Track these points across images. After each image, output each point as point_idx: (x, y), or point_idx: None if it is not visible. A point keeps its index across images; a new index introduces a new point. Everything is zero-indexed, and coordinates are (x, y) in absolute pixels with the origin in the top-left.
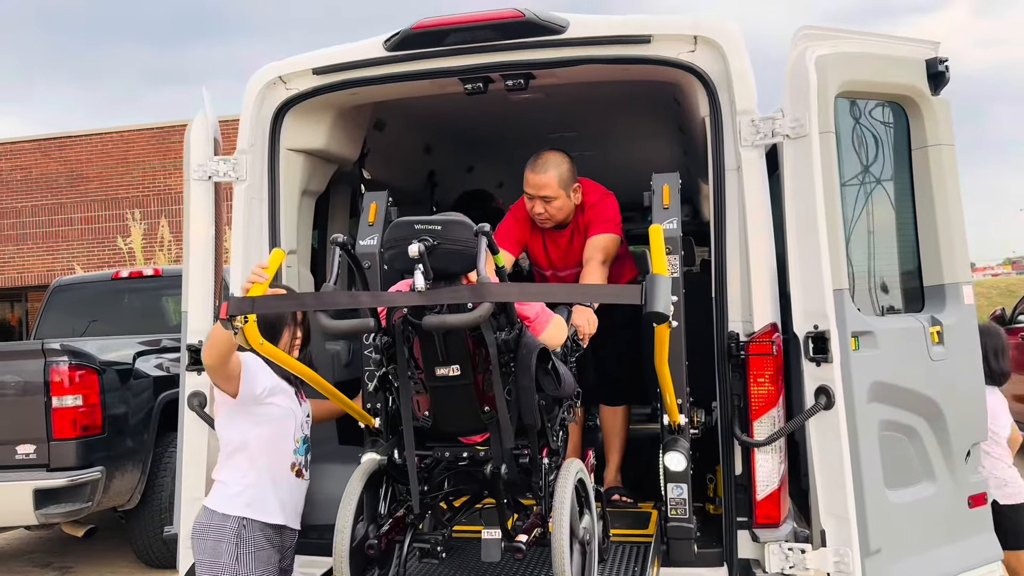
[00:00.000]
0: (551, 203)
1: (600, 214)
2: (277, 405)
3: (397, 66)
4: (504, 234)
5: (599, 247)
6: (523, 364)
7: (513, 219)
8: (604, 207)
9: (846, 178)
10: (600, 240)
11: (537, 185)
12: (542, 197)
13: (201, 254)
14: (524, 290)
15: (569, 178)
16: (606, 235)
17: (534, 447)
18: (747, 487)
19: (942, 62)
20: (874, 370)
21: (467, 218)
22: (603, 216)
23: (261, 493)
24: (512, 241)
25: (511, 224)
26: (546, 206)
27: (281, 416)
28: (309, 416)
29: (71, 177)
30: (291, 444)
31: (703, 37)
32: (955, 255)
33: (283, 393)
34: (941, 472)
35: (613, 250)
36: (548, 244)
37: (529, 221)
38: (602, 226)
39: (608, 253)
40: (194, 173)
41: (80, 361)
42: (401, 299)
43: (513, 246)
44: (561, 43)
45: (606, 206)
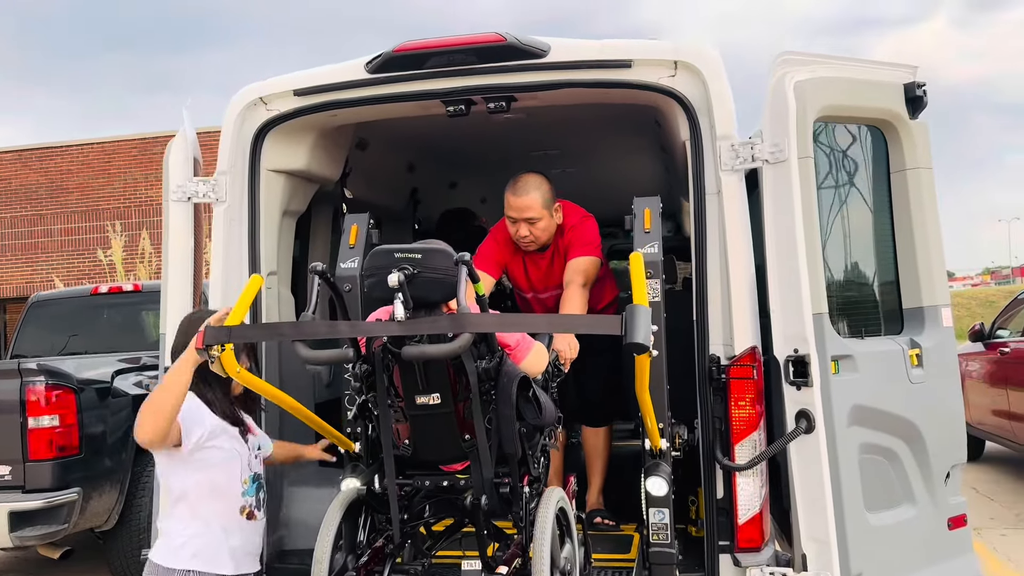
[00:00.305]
0: (535, 224)
1: (580, 236)
2: (218, 448)
3: (379, 88)
4: (485, 257)
5: (579, 270)
6: (504, 392)
7: (494, 241)
8: (584, 229)
9: (825, 202)
10: (580, 263)
11: (520, 208)
12: (526, 219)
13: (180, 276)
14: (504, 320)
15: (550, 198)
16: (586, 258)
17: (515, 476)
18: (729, 511)
19: (920, 86)
20: (854, 393)
21: (447, 246)
22: (583, 239)
23: (208, 543)
24: (493, 264)
25: (492, 247)
26: (531, 228)
27: (223, 459)
28: (260, 449)
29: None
30: (238, 487)
31: (683, 62)
32: (934, 277)
33: (224, 434)
34: (921, 495)
35: (593, 273)
36: (529, 266)
37: (510, 243)
38: (582, 249)
39: (588, 276)
40: (173, 194)
41: (57, 380)
42: (380, 329)
43: (494, 268)
44: (542, 67)
45: (586, 228)
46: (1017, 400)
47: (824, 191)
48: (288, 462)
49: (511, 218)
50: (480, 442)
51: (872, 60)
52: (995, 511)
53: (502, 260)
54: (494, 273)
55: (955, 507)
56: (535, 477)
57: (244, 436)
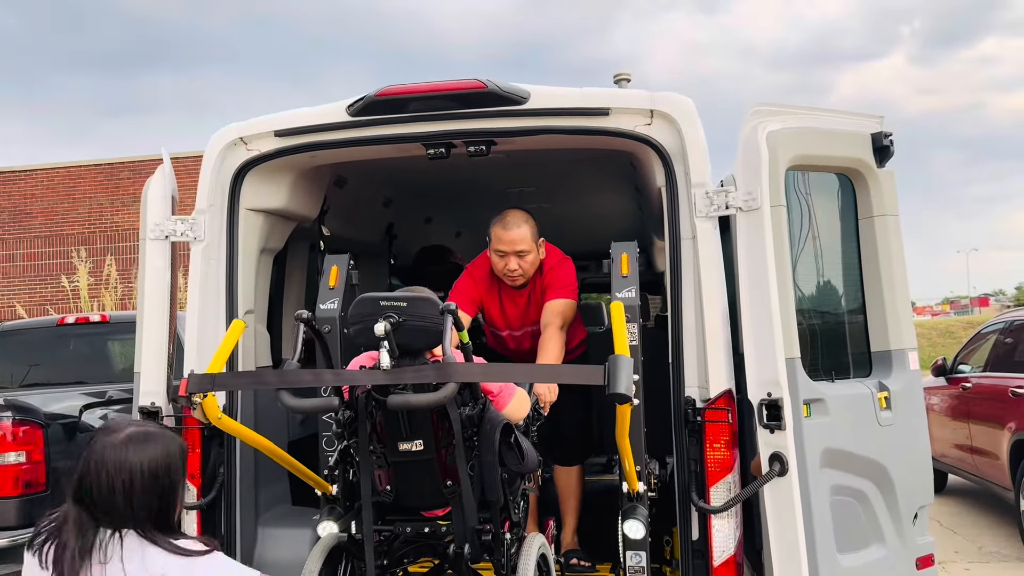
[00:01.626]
0: (524, 258)
1: (559, 278)
2: None
3: (359, 131)
4: (461, 294)
5: (557, 312)
6: (486, 439)
7: (470, 279)
8: (563, 271)
9: (796, 247)
10: (558, 305)
11: (512, 241)
12: (517, 252)
13: (156, 314)
14: (489, 370)
15: (536, 232)
16: (565, 300)
17: (496, 523)
18: (704, 553)
19: (887, 136)
20: (825, 436)
21: (432, 294)
22: (562, 281)
23: None
24: (469, 301)
25: (468, 284)
26: (520, 261)
27: None
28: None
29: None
30: None
31: (659, 111)
32: (901, 321)
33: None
34: (890, 535)
35: (570, 315)
36: (506, 303)
37: (486, 280)
38: (561, 291)
39: (566, 318)
40: (151, 232)
41: (24, 416)
42: (365, 377)
43: (470, 306)
44: (522, 113)
45: (565, 270)
46: (979, 434)
47: (796, 236)
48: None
49: (500, 252)
50: (464, 490)
51: (840, 110)
52: (959, 544)
53: (478, 297)
54: (470, 311)
55: (923, 547)
56: (515, 522)
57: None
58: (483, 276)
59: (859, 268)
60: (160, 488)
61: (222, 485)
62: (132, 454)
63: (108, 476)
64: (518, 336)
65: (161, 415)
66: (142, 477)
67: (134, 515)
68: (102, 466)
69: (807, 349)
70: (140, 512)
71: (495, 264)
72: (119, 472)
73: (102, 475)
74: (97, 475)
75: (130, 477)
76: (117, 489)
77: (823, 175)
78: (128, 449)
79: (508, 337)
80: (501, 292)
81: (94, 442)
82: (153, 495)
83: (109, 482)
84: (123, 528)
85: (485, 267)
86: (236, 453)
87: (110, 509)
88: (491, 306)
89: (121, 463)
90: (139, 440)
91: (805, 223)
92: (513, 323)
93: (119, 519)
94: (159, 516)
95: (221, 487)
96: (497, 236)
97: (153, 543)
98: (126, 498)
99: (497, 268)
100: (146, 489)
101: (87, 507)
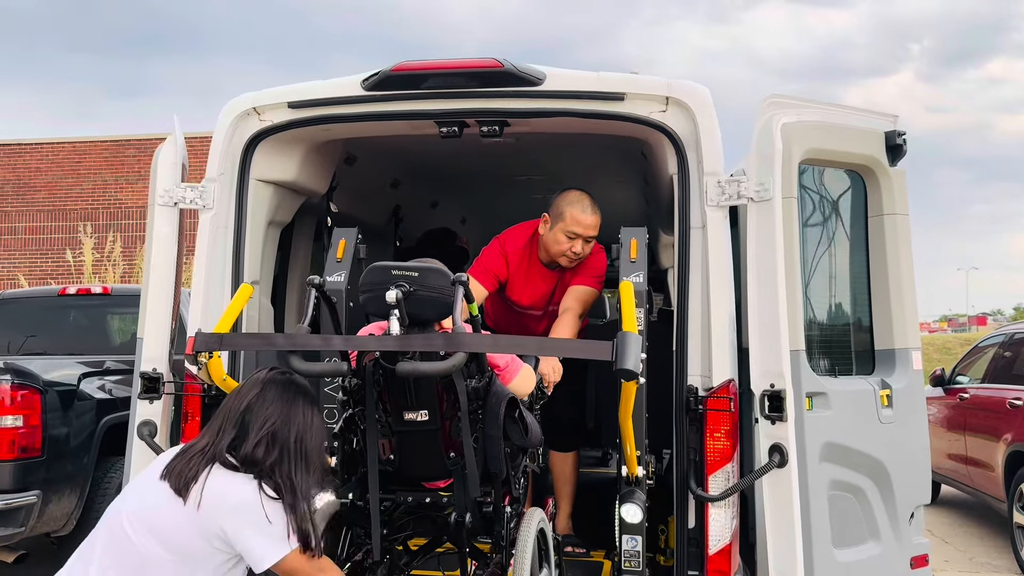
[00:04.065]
0: (590, 243)
1: (591, 266)
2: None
3: (373, 105)
4: (485, 267)
5: (579, 299)
6: (491, 412)
7: (501, 253)
8: (596, 261)
9: (806, 241)
10: (582, 292)
11: (590, 226)
12: (587, 238)
13: (162, 281)
14: (497, 342)
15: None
16: (589, 289)
17: (498, 496)
18: (699, 541)
19: (900, 135)
20: (826, 430)
21: (443, 266)
22: (594, 269)
23: None
24: (491, 276)
25: (496, 259)
26: (586, 246)
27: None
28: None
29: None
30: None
31: (674, 98)
32: (906, 321)
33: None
34: (886, 532)
35: (590, 304)
36: (535, 282)
37: (519, 255)
38: (589, 279)
39: (586, 306)
40: (160, 198)
41: (23, 380)
42: (375, 344)
43: (490, 280)
44: (537, 94)
45: (598, 261)
46: (974, 445)
47: (805, 231)
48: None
49: (572, 234)
50: (468, 461)
51: (855, 107)
52: (949, 554)
53: (503, 273)
54: (489, 285)
55: (918, 547)
56: (515, 498)
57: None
58: (517, 250)
59: (867, 266)
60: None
61: None
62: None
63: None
64: (536, 315)
65: (162, 381)
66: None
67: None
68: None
69: (811, 343)
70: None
71: (557, 243)
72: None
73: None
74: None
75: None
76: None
77: (834, 171)
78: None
79: (523, 314)
80: (531, 269)
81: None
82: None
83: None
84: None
85: (522, 241)
86: None
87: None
88: (517, 281)
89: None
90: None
91: (815, 218)
92: (537, 303)
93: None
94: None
95: None
96: (574, 218)
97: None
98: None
99: (557, 247)
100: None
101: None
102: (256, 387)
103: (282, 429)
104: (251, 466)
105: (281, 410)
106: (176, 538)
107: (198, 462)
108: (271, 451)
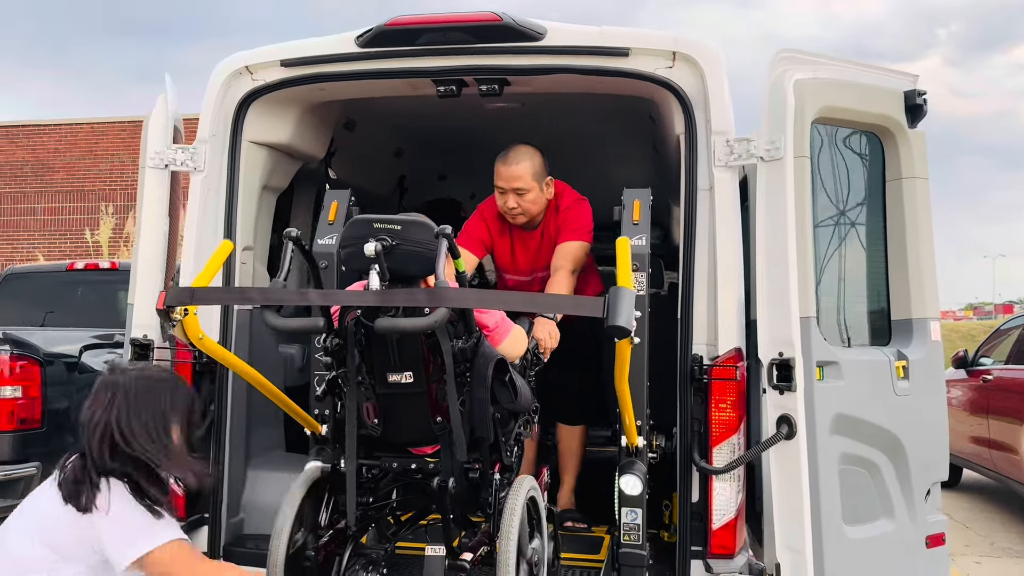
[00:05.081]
0: (524, 196)
1: (573, 219)
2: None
3: (368, 63)
4: (469, 234)
5: (569, 256)
6: (479, 374)
7: (480, 219)
8: (578, 212)
9: (818, 205)
10: (570, 248)
11: (509, 177)
12: (515, 190)
13: (152, 245)
14: (483, 297)
15: (542, 171)
16: (577, 243)
17: (486, 461)
18: (703, 515)
19: (920, 94)
20: (838, 401)
21: (428, 219)
22: (576, 223)
23: None
24: (477, 242)
25: (477, 224)
26: (519, 200)
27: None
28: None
29: (37, 166)
30: None
31: (682, 54)
32: (924, 290)
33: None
34: (900, 510)
35: (583, 259)
36: (517, 245)
37: (498, 221)
38: (573, 233)
39: (577, 262)
40: (150, 160)
41: (22, 351)
42: (352, 298)
43: (478, 247)
44: (538, 50)
45: (580, 212)
46: (997, 428)
47: (818, 194)
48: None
49: (500, 188)
50: (454, 425)
51: (873, 65)
52: (970, 538)
53: (487, 239)
54: (478, 252)
55: (934, 525)
56: (507, 466)
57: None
58: (493, 216)
59: (883, 232)
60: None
61: (212, 423)
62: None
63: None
64: (528, 281)
65: (153, 347)
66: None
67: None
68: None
69: (822, 311)
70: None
71: (497, 201)
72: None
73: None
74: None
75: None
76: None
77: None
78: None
79: (516, 284)
80: (512, 233)
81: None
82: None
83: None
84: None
85: (496, 206)
86: (228, 390)
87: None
88: (501, 248)
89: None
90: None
91: (828, 181)
92: (522, 267)
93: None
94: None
95: (211, 425)
96: (497, 171)
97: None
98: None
99: (498, 205)
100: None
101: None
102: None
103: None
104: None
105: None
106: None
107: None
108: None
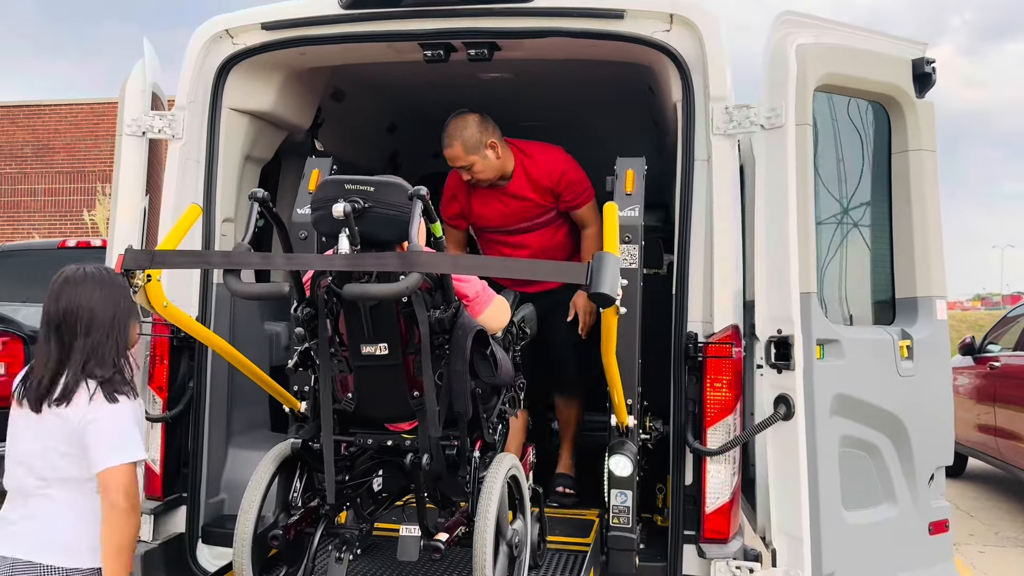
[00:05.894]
0: (471, 168)
1: (569, 188)
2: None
3: (352, 26)
4: (445, 209)
5: (588, 219)
6: (457, 346)
7: (450, 186)
8: (572, 179)
9: (820, 177)
10: (584, 214)
11: (450, 159)
12: (461, 167)
13: (129, 218)
14: (458, 262)
15: (476, 140)
16: (587, 207)
17: (464, 438)
18: (696, 498)
19: (929, 63)
20: (838, 381)
21: (403, 181)
22: (575, 189)
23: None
24: (453, 204)
25: (449, 190)
26: (469, 172)
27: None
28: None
29: (37, 147)
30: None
31: (680, 16)
32: (930, 267)
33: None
34: (903, 495)
35: (592, 207)
36: (488, 200)
37: (464, 184)
38: (578, 197)
39: (584, 218)
40: (127, 128)
41: (6, 328)
42: (319, 263)
43: (454, 209)
44: (528, 12)
45: (574, 178)
46: (1005, 416)
47: (820, 165)
48: None
49: (451, 163)
50: (428, 398)
51: (880, 32)
52: (975, 528)
53: (462, 200)
54: (456, 220)
55: (937, 511)
56: (489, 444)
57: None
58: (459, 182)
59: (888, 206)
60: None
61: (191, 399)
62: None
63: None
64: (514, 242)
65: None
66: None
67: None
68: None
69: (823, 288)
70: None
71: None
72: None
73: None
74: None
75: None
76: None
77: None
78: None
79: (505, 240)
80: (478, 191)
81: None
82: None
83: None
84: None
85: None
86: (207, 366)
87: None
88: (477, 205)
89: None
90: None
91: (831, 152)
92: (504, 221)
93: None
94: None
95: (190, 401)
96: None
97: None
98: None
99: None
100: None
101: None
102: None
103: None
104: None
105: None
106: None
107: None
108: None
